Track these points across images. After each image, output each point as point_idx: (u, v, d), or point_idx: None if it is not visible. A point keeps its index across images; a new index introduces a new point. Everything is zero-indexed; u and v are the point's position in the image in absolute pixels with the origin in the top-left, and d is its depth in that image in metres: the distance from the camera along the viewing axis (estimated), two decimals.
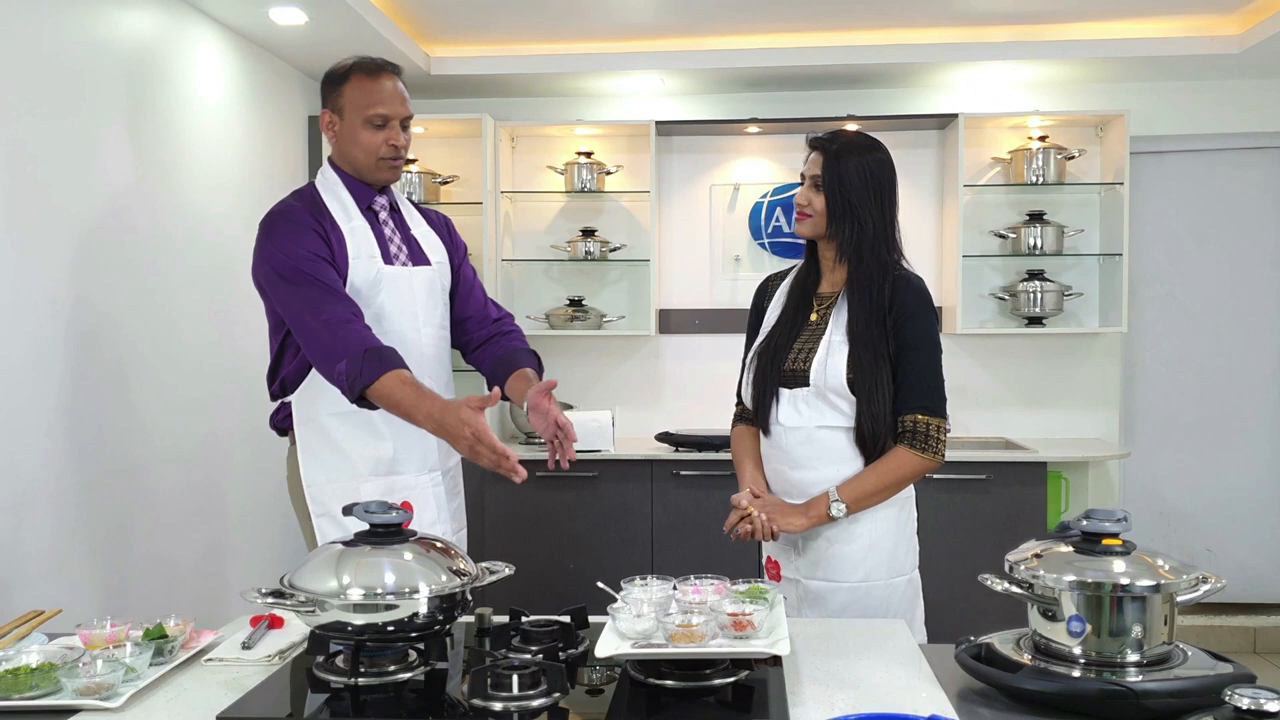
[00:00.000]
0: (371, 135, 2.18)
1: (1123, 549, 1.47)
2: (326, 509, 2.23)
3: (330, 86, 2.23)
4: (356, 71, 2.20)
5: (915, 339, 2.08)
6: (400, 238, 2.29)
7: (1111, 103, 4.46)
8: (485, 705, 1.39)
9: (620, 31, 4.09)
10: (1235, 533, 4.60)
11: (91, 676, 1.46)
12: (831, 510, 2.05)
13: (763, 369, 2.16)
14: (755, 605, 1.57)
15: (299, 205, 2.19)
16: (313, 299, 2.08)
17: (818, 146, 2.15)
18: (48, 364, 2.62)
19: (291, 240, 2.12)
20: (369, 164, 2.21)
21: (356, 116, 2.18)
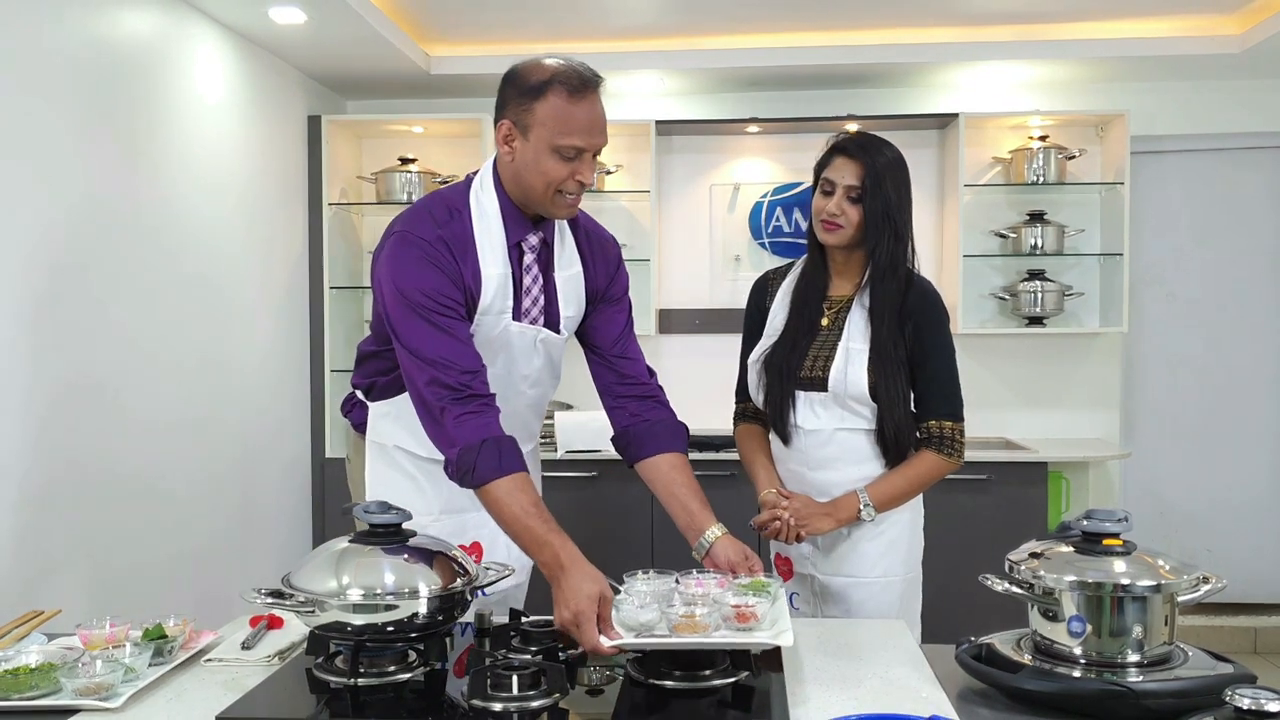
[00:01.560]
0: (559, 166, 1.82)
1: (1123, 549, 1.47)
2: None
3: (520, 95, 1.82)
4: (558, 85, 1.80)
5: (935, 346, 2.09)
6: (539, 287, 1.97)
7: (1112, 102, 4.46)
8: (485, 706, 1.39)
9: (620, 31, 4.09)
10: (1236, 533, 4.60)
11: (91, 677, 1.46)
12: (862, 514, 2.07)
13: (776, 375, 2.14)
14: (758, 598, 1.56)
15: (443, 239, 1.83)
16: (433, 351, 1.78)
17: (851, 154, 2.07)
18: (47, 364, 2.62)
19: (429, 278, 1.81)
20: (544, 196, 1.85)
21: (546, 140, 1.81)
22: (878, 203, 2.05)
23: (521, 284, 1.93)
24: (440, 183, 4.49)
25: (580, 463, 4.06)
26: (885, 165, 2.07)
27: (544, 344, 1.99)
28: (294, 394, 4.16)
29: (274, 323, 3.97)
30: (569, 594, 1.59)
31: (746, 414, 2.29)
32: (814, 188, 2.14)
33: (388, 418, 2.02)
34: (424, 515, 1.94)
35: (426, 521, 1.92)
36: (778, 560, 2.24)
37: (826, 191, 2.09)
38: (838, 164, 2.08)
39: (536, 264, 1.96)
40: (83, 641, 1.62)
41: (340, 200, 4.41)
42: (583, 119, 1.82)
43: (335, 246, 4.36)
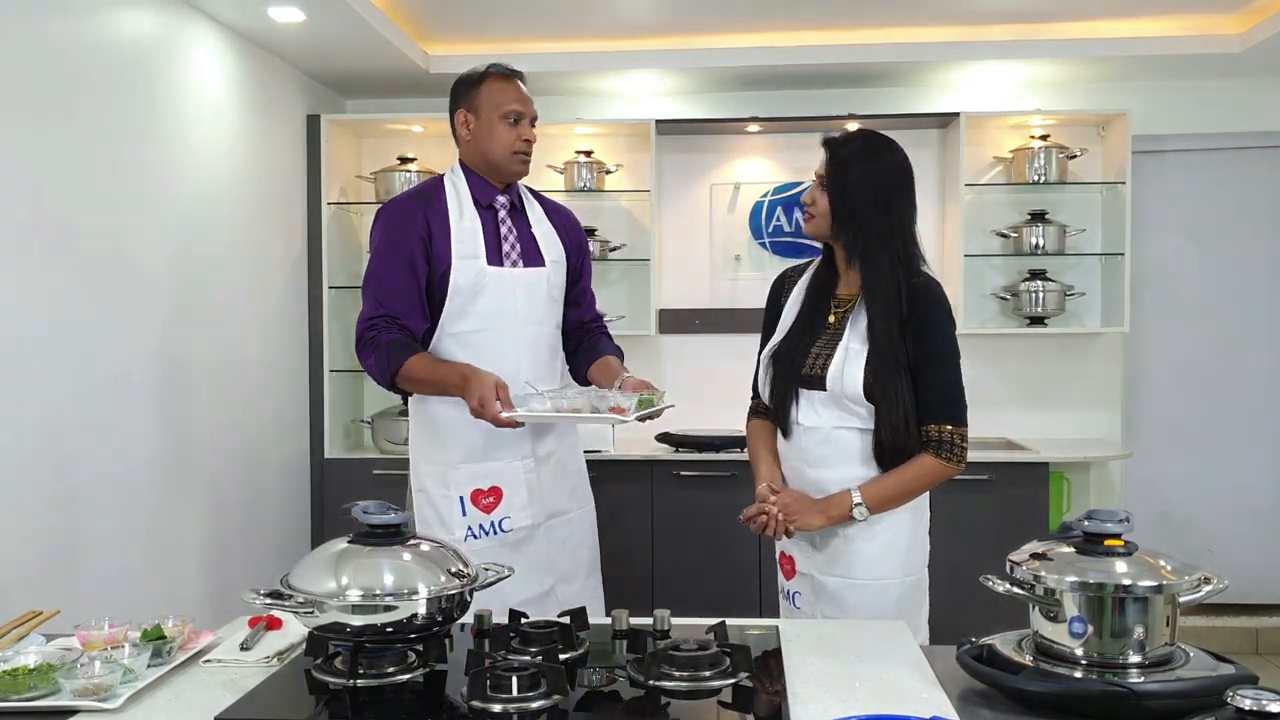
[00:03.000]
0: (506, 131, 2.40)
1: (1125, 550, 1.47)
2: (422, 486, 2.40)
3: (465, 88, 2.44)
4: (492, 74, 2.42)
5: (938, 348, 2.07)
6: (516, 236, 2.45)
7: (1113, 102, 4.45)
8: (485, 707, 1.38)
9: (620, 31, 4.09)
10: (1237, 533, 4.60)
11: (90, 677, 1.46)
12: (854, 513, 2.05)
13: (781, 370, 2.15)
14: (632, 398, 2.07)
15: (410, 200, 2.42)
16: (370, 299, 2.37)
17: (826, 146, 2.14)
18: (46, 365, 2.62)
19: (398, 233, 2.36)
20: (504, 157, 2.41)
21: (493, 114, 2.39)
22: (836, 188, 2.08)
23: (498, 233, 2.42)
24: None
25: None
26: (851, 152, 2.09)
27: (525, 282, 2.41)
28: (293, 394, 4.15)
29: (273, 322, 3.97)
30: (475, 386, 2.15)
31: (758, 409, 2.30)
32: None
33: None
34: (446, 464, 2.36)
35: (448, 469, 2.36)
36: (782, 558, 2.24)
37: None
38: (822, 157, 2.15)
39: (509, 218, 2.46)
40: (81, 642, 1.62)
41: (339, 200, 4.41)
42: (516, 91, 2.43)
43: (334, 246, 4.36)
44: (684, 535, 4.04)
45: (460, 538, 2.33)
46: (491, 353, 2.33)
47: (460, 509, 2.35)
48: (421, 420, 2.41)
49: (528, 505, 2.40)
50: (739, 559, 3.92)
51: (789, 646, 1.69)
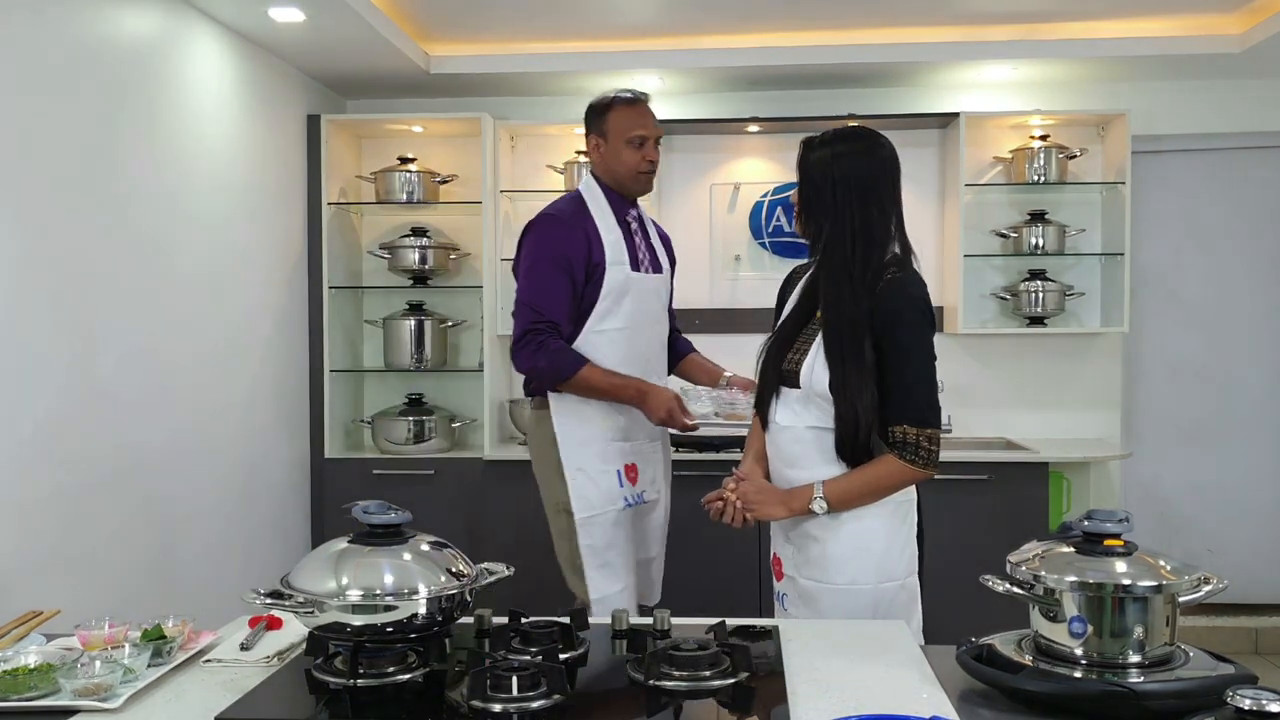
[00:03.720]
0: (632, 153, 2.73)
1: (1124, 550, 1.47)
2: (581, 466, 2.71)
3: (595, 115, 2.78)
4: (619, 101, 2.77)
5: (905, 347, 2.00)
6: (645, 245, 2.81)
7: (1113, 102, 4.45)
8: (485, 707, 1.38)
9: (620, 31, 4.09)
10: (1237, 533, 4.60)
11: (90, 677, 1.46)
12: (813, 505, 2.02)
13: (766, 367, 2.17)
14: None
15: (568, 216, 2.70)
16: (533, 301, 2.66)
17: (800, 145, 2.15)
18: (47, 363, 2.62)
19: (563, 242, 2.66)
20: (630, 177, 2.74)
21: (620, 139, 2.73)
22: (801, 184, 2.11)
23: (634, 243, 2.77)
24: (440, 182, 4.49)
25: None
26: (813, 151, 2.09)
27: (654, 286, 2.80)
28: (294, 394, 4.15)
29: (273, 322, 3.97)
30: (658, 400, 2.62)
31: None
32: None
33: None
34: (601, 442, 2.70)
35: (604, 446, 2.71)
36: (774, 560, 2.24)
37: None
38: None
39: (639, 230, 2.81)
40: (81, 642, 1.62)
41: (340, 200, 4.41)
42: (642, 116, 2.77)
43: (334, 246, 4.36)
44: (684, 535, 4.02)
45: (621, 507, 2.72)
46: (633, 349, 2.71)
47: (619, 480, 2.71)
48: (568, 412, 2.71)
49: (656, 479, 2.84)
50: (739, 559, 3.92)
51: (789, 646, 1.69)
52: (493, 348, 4.36)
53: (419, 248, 4.38)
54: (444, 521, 4.09)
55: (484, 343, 4.34)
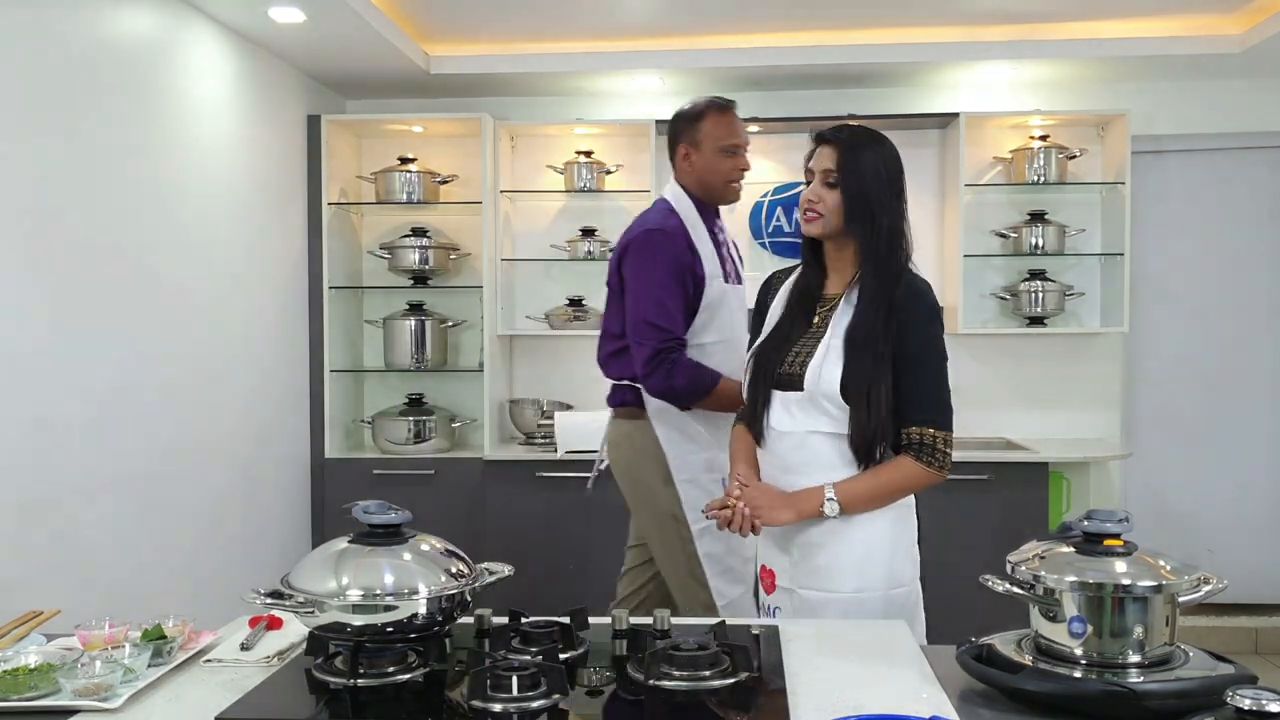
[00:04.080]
0: (725, 162, 2.67)
1: (1124, 549, 1.46)
2: (691, 477, 2.66)
3: (686, 123, 2.70)
4: (711, 109, 2.69)
5: (921, 348, 1.97)
6: (729, 256, 2.77)
7: (1112, 102, 4.45)
8: (485, 706, 1.38)
9: (620, 31, 4.09)
10: (1237, 533, 4.60)
11: (90, 677, 1.46)
12: (825, 508, 1.94)
13: (758, 371, 2.08)
14: None
15: (675, 228, 2.64)
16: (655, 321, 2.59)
17: (828, 140, 2.03)
18: (48, 364, 2.62)
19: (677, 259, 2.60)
20: (722, 186, 2.70)
21: (713, 147, 2.66)
22: (853, 182, 1.99)
23: (722, 255, 2.72)
24: (440, 182, 4.49)
25: (580, 463, 4.05)
26: (861, 145, 2.01)
27: (740, 296, 2.75)
28: (294, 394, 4.15)
29: (273, 322, 3.97)
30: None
31: (743, 415, 2.20)
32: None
33: None
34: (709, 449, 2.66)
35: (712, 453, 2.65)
36: (763, 572, 2.15)
37: (808, 182, 2.05)
38: (818, 153, 2.05)
39: (724, 242, 2.77)
40: (82, 642, 1.62)
41: (340, 200, 4.41)
42: (735, 124, 2.69)
43: (335, 246, 4.36)
44: None
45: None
46: (725, 362, 2.65)
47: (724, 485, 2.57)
48: (671, 423, 2.68)
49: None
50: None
51: (789, 646, 1.69)
52: (493, 348, 4.36)
53: (419, 248, 4.38)
54: (444, 521, 4.09)
55: (484, 343, 4.34)
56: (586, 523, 4.09)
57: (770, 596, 2.12)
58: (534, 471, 4.10)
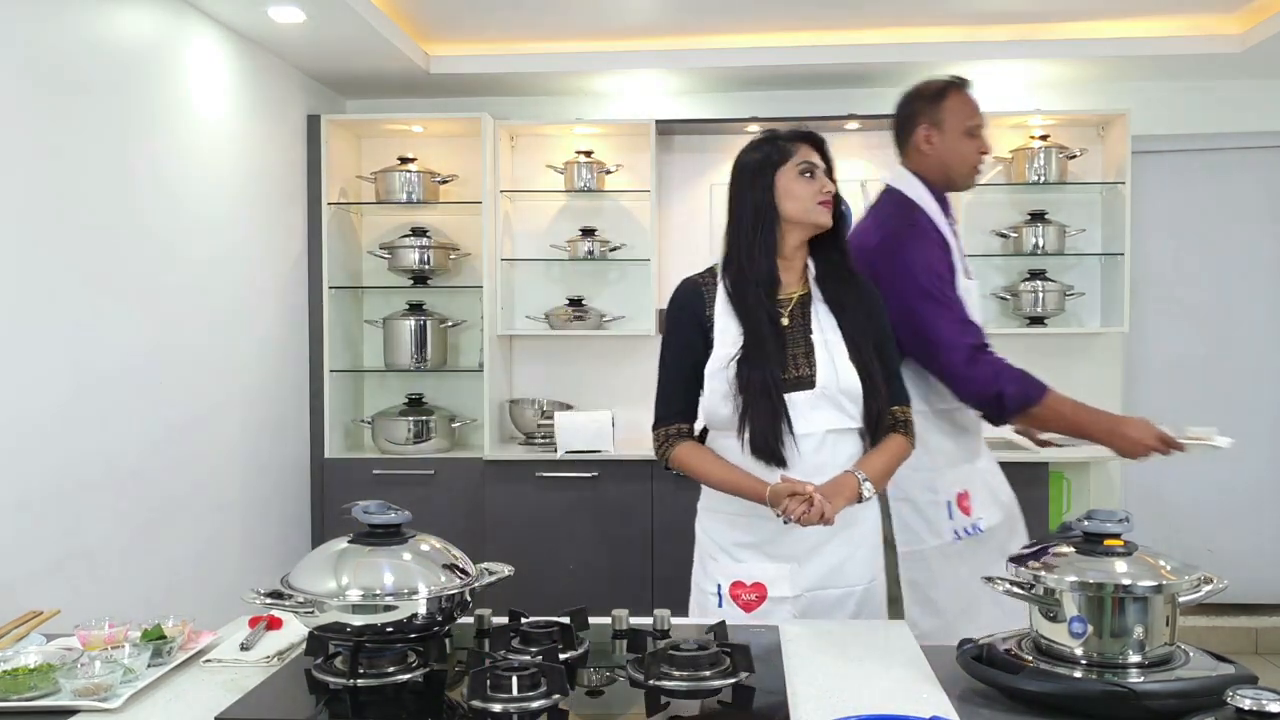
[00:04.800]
0: (968, 144, 2.42)
1: (1124, 549, 1.46)
2: (907, 494, 2.37)
3: (927, 102, 2.43)
4: (954, 87, 2.44)
5: (889, 334, 2.10)
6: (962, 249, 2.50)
7: (1113, 102, 4.45)
8: (485, 707, 1.38)
9: (620, 30, 4.09)
10: (1237, 533, 4.60)
11: (90, 677, 1.46)
12: (864, 491, 1.95)
13: (761, 382, 1.98)
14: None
15: (930, 223, 2.37)
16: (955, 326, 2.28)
17: (809, 138, 2.08)
18: (48, 363, 2.62)
19: (933, 257, 2.31)
20: (964, 172, 2.44)
21: (957, 128, 2.41)
22: (833, 178, 2.07)
23: (959, 249, 2.45)
24: (440, 182, 4.49)
25: (580, 463, 4.06)
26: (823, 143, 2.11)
27: (976, 293, 2.48)
28: (294, 394, 4.15)
29: (273, 322, 3.97)
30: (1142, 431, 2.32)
31: (682, 434, 2.08)
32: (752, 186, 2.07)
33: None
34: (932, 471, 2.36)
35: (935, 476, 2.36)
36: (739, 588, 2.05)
37: (807, 174, 2.03)
38: (805, 150, 2.06)
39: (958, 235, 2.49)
40: (81, 642, 1.62)
41: (340, 200, 4.41)
42: (977, 105, 2.44)
43: (334, 246, 4.36)
44: (684, 535, 4.01)
45: (948, 540, 2.38)
46: None
47: (949, 512, 2.38)
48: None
49: (989, 503, 2.46)
50: None
51: (789, 647, 1.69)
52: (492, 348, 4.36)
53: (419, 248, 4.38)
54: (444, 521, 4.10)
55: (484, 343, 4.34)
56: (586, 523, 4.09)
57: (753, 612, 2.03)
58: (534, 471, 4.10)
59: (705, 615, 2.01)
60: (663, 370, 2.11)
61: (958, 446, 2.41)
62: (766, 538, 2.03)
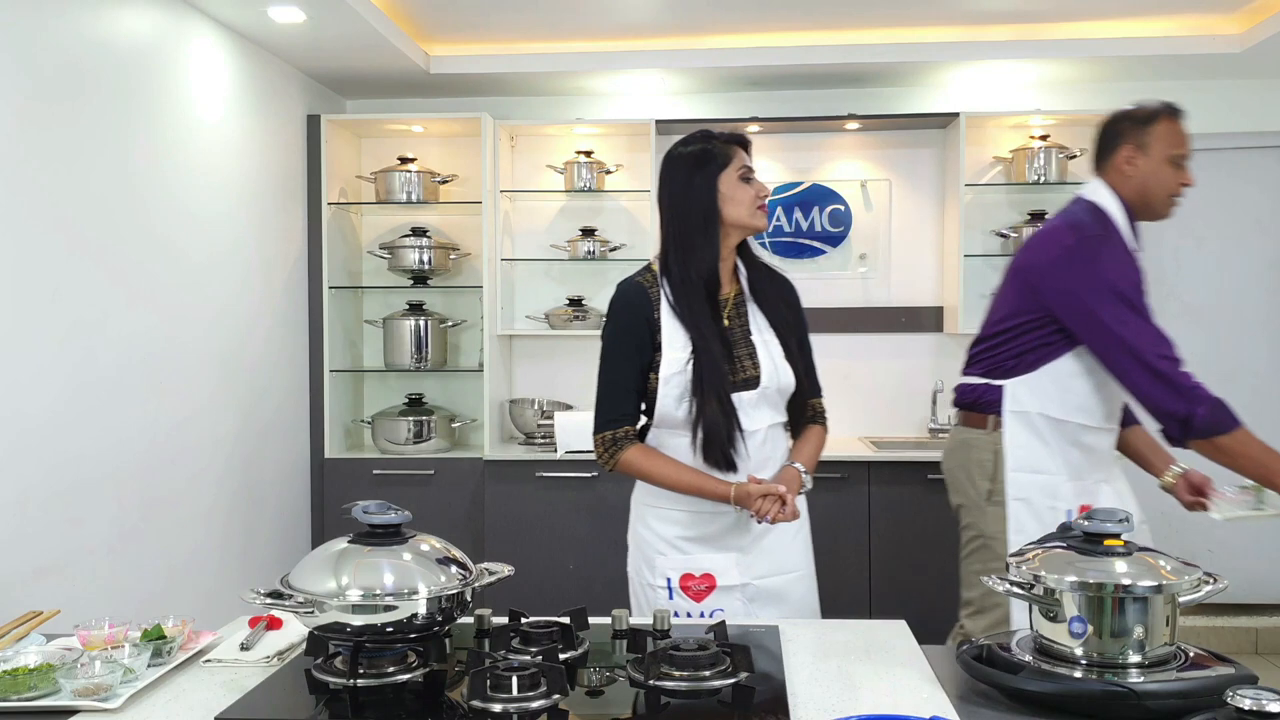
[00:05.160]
0: (1171, 173, 2.43)
1: (1124, 549, 1.46)
2: (1025, 495, 2.40)
3: (1135, 125, 2.44)
4: (1165, 114, 2.44)
5: (807, 329, 2.21)
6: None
7: (1113, 102, 4.42)
8: (485, 707, 1.38)
9: (620, 30, 4.09)
10: (1237, 533, 4.59)
11: (90, 677, 1.46)
12: (806, 482, 2.10)
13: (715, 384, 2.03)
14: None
15: (1120, 237, 2.38)
16: (1154, 335, 2.27)
17: (743, 141, 2.15)
18: (48, 363, 2.62)
19: (1129, 266, 2.31)
20: (1162, 199, 2.47)
21: (1162, 155, 2.41)
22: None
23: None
24: (440, 182, 4.49)
25: (580, 463, 4.06)
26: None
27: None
28: (294, 394, 4.15)
29: (273, 322, 3.97)
30: None
31: (630, 437, 2.12)
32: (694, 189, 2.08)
33: (1027, 390, 2.40)
34: (1054, 475, 2.38)
35: (1056, 482, 2.38)
36: (691, 580, 2.12)
37: (747, 179, 2.10)
38: (741, 153, 2.12)
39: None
40: (81, 642, 1.62)
41: (339, 200, 4.41)
42: (1186, 135, 2.44)
43: (334, 246, 4.36)
44: None
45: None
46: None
47: (1067, 518, 2.35)
48: (1025, 428, 2.42)
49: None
50: None
51: (789, 647, 1.69)
52: (492, 347, 4.36)
53: (419, 248, 4.38)
54: (444, 521, 4.10)
55: (484, 343, 4.34)
56: (586, 523, 4.09)
57: (706, 601, 2.10)
58: (534, 471, 4.10)
59: (651, 609, 2.08)
60: (607, 373, 2.13)
61: (1088, 463, 2.42)
62: (712, 531, 2.12)
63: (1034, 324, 2.38)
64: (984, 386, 2.47)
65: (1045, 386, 2.37)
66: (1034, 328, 2.38)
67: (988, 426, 2.45)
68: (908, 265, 4.57)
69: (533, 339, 4.67)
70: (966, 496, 2.52)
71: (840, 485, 3.89)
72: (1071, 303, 2.31)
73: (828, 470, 3.92)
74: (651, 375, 2.09)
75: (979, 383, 2.49)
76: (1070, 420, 2.37)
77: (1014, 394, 2.41)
